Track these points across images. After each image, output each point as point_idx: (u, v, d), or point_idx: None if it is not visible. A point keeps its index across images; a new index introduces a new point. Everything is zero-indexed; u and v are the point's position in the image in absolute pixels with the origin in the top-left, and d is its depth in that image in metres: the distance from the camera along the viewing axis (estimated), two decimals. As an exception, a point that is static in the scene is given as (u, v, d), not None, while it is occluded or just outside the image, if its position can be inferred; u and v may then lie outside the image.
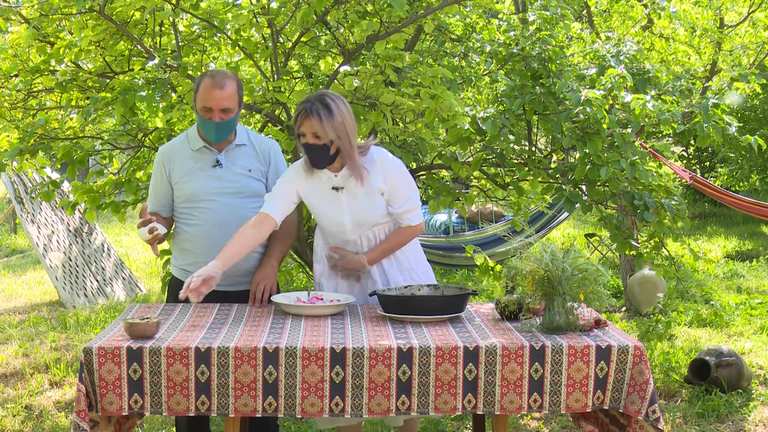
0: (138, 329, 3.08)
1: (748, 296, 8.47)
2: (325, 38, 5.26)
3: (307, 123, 3.48)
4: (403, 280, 3.77)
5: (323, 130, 3.47)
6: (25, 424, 5.12)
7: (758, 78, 5.17)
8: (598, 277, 3.18)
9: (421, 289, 3.57)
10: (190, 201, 3.81)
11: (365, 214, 3.64)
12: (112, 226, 14.60)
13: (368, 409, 3.02)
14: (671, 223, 4.63)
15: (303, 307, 3.47)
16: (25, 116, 5.46)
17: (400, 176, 3.67)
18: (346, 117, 3.51)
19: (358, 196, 3.62)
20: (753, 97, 13.14)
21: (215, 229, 3.76)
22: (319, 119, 3.46)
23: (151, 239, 3.65)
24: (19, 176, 9.21)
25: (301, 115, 3.49)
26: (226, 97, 3.68)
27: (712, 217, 14.84)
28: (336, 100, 3.52)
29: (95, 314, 8.12)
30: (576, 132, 4.54)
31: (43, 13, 4.82)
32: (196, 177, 3.80)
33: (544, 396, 3.05)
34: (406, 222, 3.70)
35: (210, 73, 3.75)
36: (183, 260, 3.88)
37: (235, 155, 3.84)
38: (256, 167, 3.85)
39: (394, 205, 3.66)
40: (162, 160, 3.86)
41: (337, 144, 3.51)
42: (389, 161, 3.67)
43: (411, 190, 3.70)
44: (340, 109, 3.50)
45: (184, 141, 3.88)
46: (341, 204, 3.64)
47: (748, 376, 5.59)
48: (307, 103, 3.50)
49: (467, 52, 5.39)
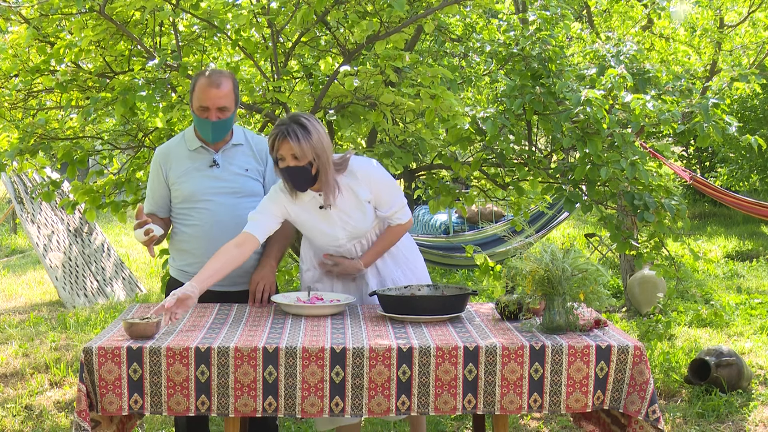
0: (138, 329, 3.08)
1: (748, 296, 8.47)
2: (325, 38, 5.26)
3: (286, 145, 3.43)
4: (401, 273, 3.80)
5: (302, 150, 3.42)
6: (25, 424, 5.12)
7: (758, 78, 5.16)
8: (598, 277, 3.18)
9: (421, 289, 3.58)
10: (187, 201, 3.80)
11: (359, 226, 3.66)
12: (112, 226, 14.60)
13: (368, 409, 3.02)
14: (671, 223, 4.63)
15: (303, 307, 3.47)
16: (25, 116, 5.46)
17: (383, 182, 3.67)
18: (322, 135, 3.48)
19: (348, 211, 3.62)
20: (753, 97, 13.14)
21: (213, 229, 3.75)
22: (297, 140, 3.41)
23: (147, 240, 3.64)
24: (19, 176, 9.21)
25: (278, 139, 3.44)
26: (222, 96, 3.68)
27: (712, 217, 14.84)
28: (310, 119, 3.49)
29: (95, 314, 8.12)
30: (576, 132, 4.54)
31: (43, 13, 4.82)
32: (193, 177, 3.79)
33: (544, 396, 3.05)
34: (396, 222, 3.72)
35: (206, 73, 3.74)
36: (181, 261, 3.87)
37: (232, 155, 3.83)
38: (253, 167, 3.84)
39: (382, 209, 3.67)
40: (159, 160, 3.85)
41: (316, 164, 3.47)
42: (370, 170, 3.65)
43: (395, 191, 3.71)
44: (316, 128, 3.46)
45: (181, 141, 3.87)
46: (333, 220, 3.64)
47: (748, 376, 5.59)
48: (282, 126, 3.46)
49: (467, 52, 5.39)
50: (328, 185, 3.52)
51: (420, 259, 3.94)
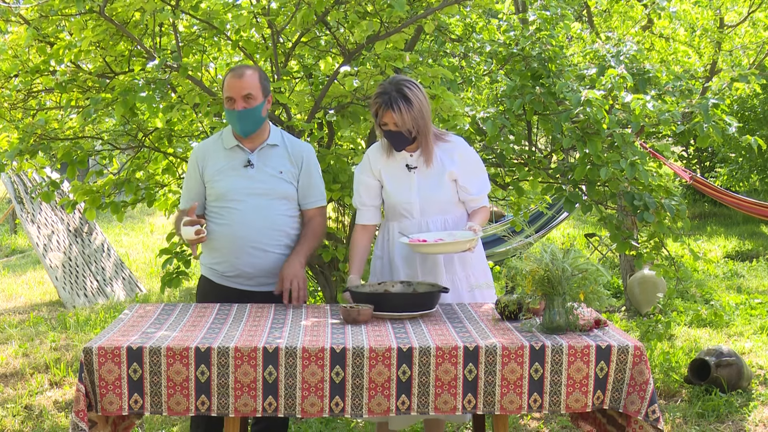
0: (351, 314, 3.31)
1: (748, 296, 8.46)
2: (325, 38, 5.25)
3: (388, 115, 3.65)
4: (464, 275, 3.88)
5: (403, 120, 3.64)
6: (25, 424, 5.12)
7: (758, 78, 5.17)
8: (598, 277, 3.18)
9: (395, 286, 3.64)
10: (220, 200, 3.80)
11: (432, 193, 3.77)
12: (112, 226, 14.60)
13: (368, 409, 3.02)
14: (671, 223, 4.63)
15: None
16: (25, 116, 5.46)
17: (474, 162, 3.85)
18: (423, 103, 3.68)
19: (428, 176, 3.78)
20: (753, 97, 13.14)
21: (242, 230, 3.75)
22: (400, 111, 3.63)
23: (196, 240, 3.65)
24: (19, 176, 9.21)
25: (382, 108, 3.66)
26: (245, 84, 3.69)
27: (712, 217, 14.84)
28: (412, 88, 3.67)
29: (95, 314, 8.12)
30: (576, 132, 4.54)
31: (43, 14, 4.82)
32: (227, 176, 3.79)
33: (544, 396, 3.05)
34: (481, 204, 3.87)
35: (234, 68, 3.80)
36: (211, 258, 3.88)
37: (267, 156, 3.83)
38: (287, 169, 3.83)
39: (471, 190, 3.81)
40: (196, 157, 3.88)
41: (415, 130, 3.68)
42: (466, 148, 3.86)
43: (483, 175, 3.89)
44: (418, 97, 3.66)
45: (218, 139, 3.89)
46: (412, 183, 3.79)
47: (748, 376, 5.59)
48: (385, 95, 3.65)
49: (467, 52, 5.38)
50: (427, 149, 3.74)
51: (484, 261, 4.01)
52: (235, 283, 3.82)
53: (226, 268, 3.81)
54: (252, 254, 3.76)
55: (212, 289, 3.85)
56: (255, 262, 3.78)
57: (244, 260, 3.77)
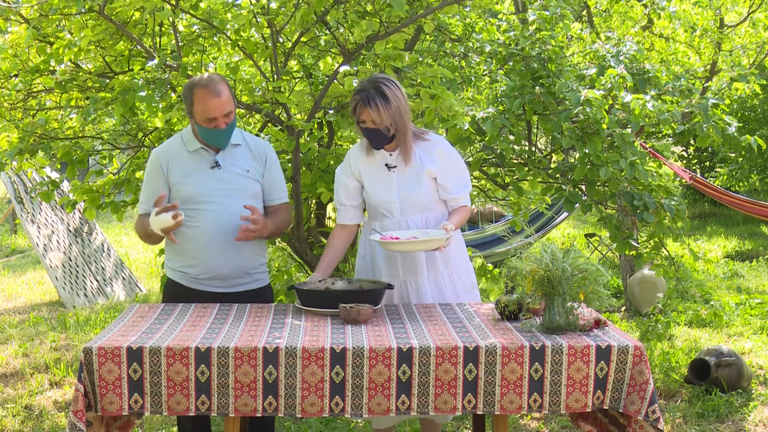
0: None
1: (748, 296, 8.46)
2: (325, 38, 5.25)
3: (366, 112, 3.65)
4: (447, 274, 3.87)
5: (380, 118, 3.64)
6: (25, 424, 5.12)
7: (758, 78, 5.17)
8: (598, 277, 3.18)
9: (336, 283, 3.67)
10: (189, 202, 3.78)
11: (411, 192, 3.77)
12: (112, 226, 14.60)
13: (368, 408, 3.02)
14: (671, 223, 4.63)
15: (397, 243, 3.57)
16: (25, 116, 5.46)
17: (454, 161, 3.84)
18: (401, 101, 3.67)
19: (407, 175, 3.78)
20: (753, 98, 13.14)
21: (216, 231, 3.75)
22: (377, 109, 3.62)
23: (174, 226, 3.61)
24: (19, 176, 9.21)
25: (360, 105, 3.66)
26: (225, 103, 3.69)
27: (712, 217, 14.84)
28: (390, 86, 3.66)
29: (95, 314, 8.12)
30: (576, 132, 4.54)
31: (43, 13, 4.82)
32: (195, 178, 3.78)
33: (544, 396, 3.06)
34: (462, 204, 3.85)
35: (200, 83, 3.70)
36: (182, 262, 3.85)
37: (232, 156, 3.83)
38: (253, 167, 3.85)
39: (451, 189, 3.80)
40: (159, 162, 3.83)
41: (393, 128, 3.68)
42: (446, 146, 3.85)
43: (464, 174, 3.87)
44: (396, 95, 3.66)
45: (180, 143, 3.86)
46: (391, 182, 3.79)
47: (748, 376, 5.59)
48: (363, 92, 3.65)
49: (467, 52, 5.38)
50: (405, 147, 3.75)
51: (467, 260, 4.00)
52: (209, 285, 3.80)
53: (200, 270, 3.78)
54: (227, 255, 3.76)
55: (182, 292, 3.83)
56: (229, 264, 3.78)
57: (219, 261, 3.77)
